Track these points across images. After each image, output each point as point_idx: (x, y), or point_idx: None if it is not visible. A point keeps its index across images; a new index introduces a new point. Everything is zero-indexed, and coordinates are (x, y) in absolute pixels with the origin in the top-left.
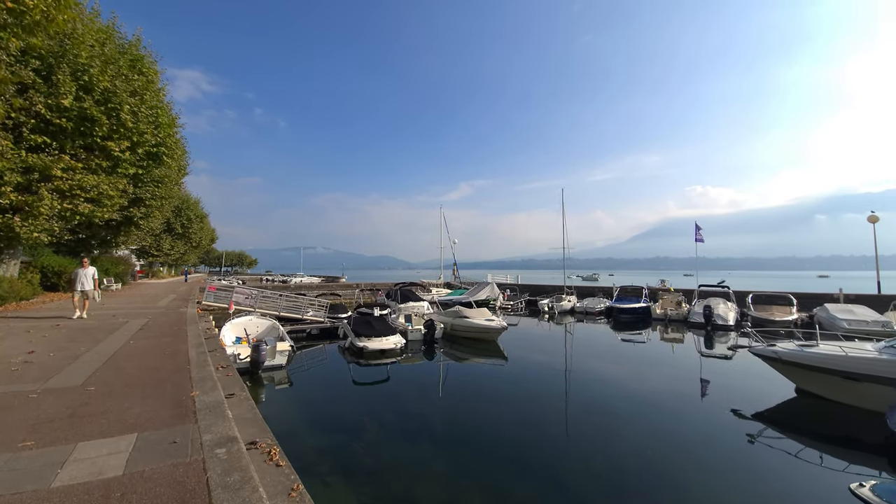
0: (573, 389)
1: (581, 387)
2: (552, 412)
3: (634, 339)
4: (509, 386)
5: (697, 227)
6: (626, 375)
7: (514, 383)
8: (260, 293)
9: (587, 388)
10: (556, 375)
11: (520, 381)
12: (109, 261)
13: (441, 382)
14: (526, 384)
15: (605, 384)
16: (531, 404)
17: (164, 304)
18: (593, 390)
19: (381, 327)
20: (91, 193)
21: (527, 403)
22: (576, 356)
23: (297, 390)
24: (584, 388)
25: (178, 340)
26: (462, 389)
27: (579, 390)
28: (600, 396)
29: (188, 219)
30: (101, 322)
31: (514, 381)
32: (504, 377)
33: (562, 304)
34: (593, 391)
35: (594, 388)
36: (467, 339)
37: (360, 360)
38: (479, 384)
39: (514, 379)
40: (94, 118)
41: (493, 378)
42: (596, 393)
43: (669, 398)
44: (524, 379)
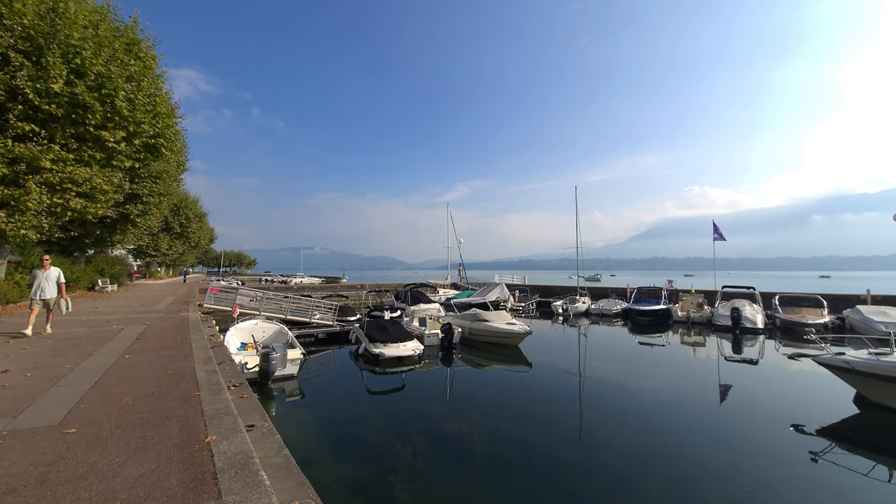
0: (607, 400)
1: (615, 397)
2: (589, 427)
3: (659, 343)
4: (538, 396)
5: (715, 226)
6: (664, 386)
7: (543, 393)
8: (265, 295)
9: (622, 399)
10: (586, 384)
11: (548, 391)
12: (105, 261)
13: (463, 393)
14: (555, 394)
15: (641, 395)
16: (564, 417)
17: (164, 307)
18: (630, 401)
19: (397, 332)
20: (83, 187)
21: (559, 416)
22: (602, 362)
23: (311, 403)
24: (619, 399)
25: (182, 354)
26: (487, 401)
27: (614, 401)
28: (640, 409)
29: (187, 218)
30: (93, 330)
31: (542, 391)
32: (530, 386)
33: (576, 305)
34: (630, 402)
35: (630, 399)
36: (486, 343)
37: (376, 368)
38: (505, 395)
39: (542, 388)
40: (87, 105)
41: (519, 387)
42: (635, 405)
43: (716, 411)
44: (552, 388)
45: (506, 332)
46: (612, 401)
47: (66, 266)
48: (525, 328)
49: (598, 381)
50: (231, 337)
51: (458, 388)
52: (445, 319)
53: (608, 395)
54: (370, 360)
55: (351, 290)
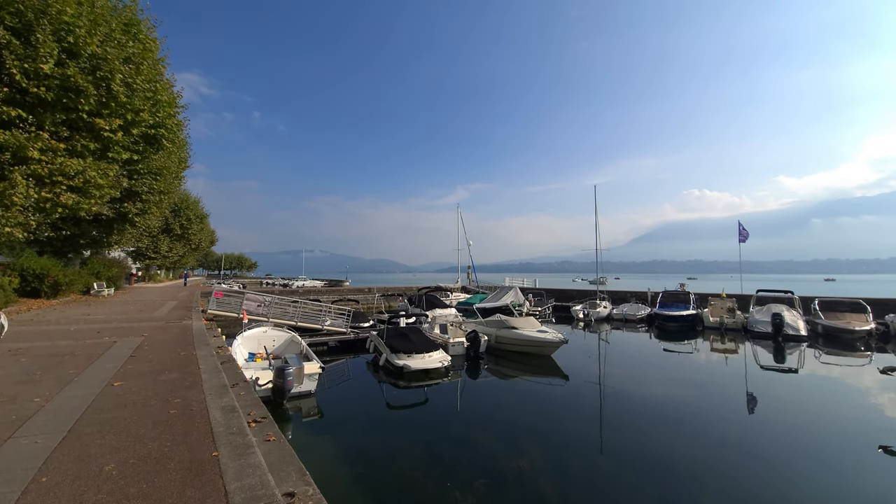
0: (659, 418)
1: (668, 415)
2: (644, 453)
3: (692, 351)
4: (581, 415)
5: (741, 226)
6: (723, 402)
7: (586, 411)
8: (273, 300)
9: (677, 414)
10: (631, 401)
11: (592, 408)
12: (101, 263)
13: (494, 409)
14: (600, 412)
15: (699, 411)
16: (616, 441)
17: (164, 313)
18: (687, 418)
19: (421, 341)
20: (75, 181)
21: (610, 440)
22: (644, 374)
23: (331, 424)
24: (673, 415)
25: (187, 378)
26: (523, 418)
27: (669, 420)
28: (705, 428)
29: (188, 219)
30: (80, 343)
31: (585, 409)
32: (570, 402)
33: (598, 310)
34: (688, 419)
35: (688, 415)
36: (515, 353)
37: (399, 382)
38: (543, 412)
39: (584, 405)
40: (80, 88)
41: (557, 404)
42: (698, 424)
43: (788, 430)
44: (595, 404)
45: (538, 341)
46: (665, 417)
47: (59, 268)
48: (559, 336)
49: (646, 398)
50: (238, 346)
51: (488, 404)
52: (470, 326)
53: (662, 413)
54: (392, 373)
55: (358, 293)
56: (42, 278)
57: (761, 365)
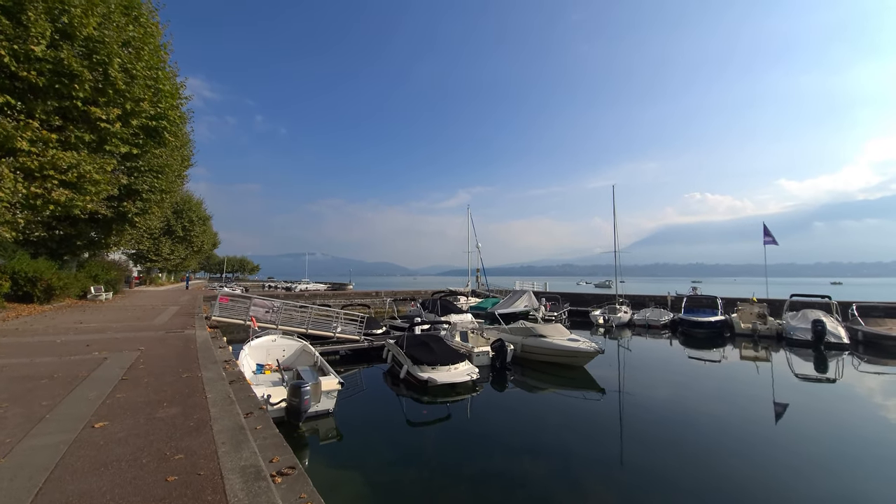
0: (721, 439)
1: (731, 435)
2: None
3: (726, 360)
4: (622, 433)
5: (766, 228)
6: (780, 419)
7: (630, 429)
8: (283, 305)
9: (740, 434)
10: (685, 418)
11: (635, 426)
12: (99, 266)
13: (526, 426)
14: (646, 431)
15: (761, 429)
16: (669, 464)
17: (164, 320)
18: (752, 438)
19: (445, 352)
20: (69, 175)
21: (662, 465)
22: (685, 386)
23: (353, 450)
24: (737, 434)
25: (193, 419)
26: (561, 440)
27: (732, 441)
28: (773, 451)
29: (190, 220)
30: (65, 360)
31: (628, 426)
32: (608, 419)
33: (618, 316)
34: (753, 439)
35: (754, 435)
36: (543, 363)
37: (423, 397)
38: (581, 429)
39: (625, 422)
40: (74, 73)
41: (595, 420)
42: (761, 445)
43: (844, 448)
44: (639, 422)
45: (570, 351)
46: (727, 438)
47: (53, 271)
48: (593, 346)
49: (695, 414)
50: (245, 357)
51: (521, 422)
52: (491, 334)
53: (722, 433)
54: (414, 387)
55: (366, 297)
56: (34, 282)
57: (805, 376)
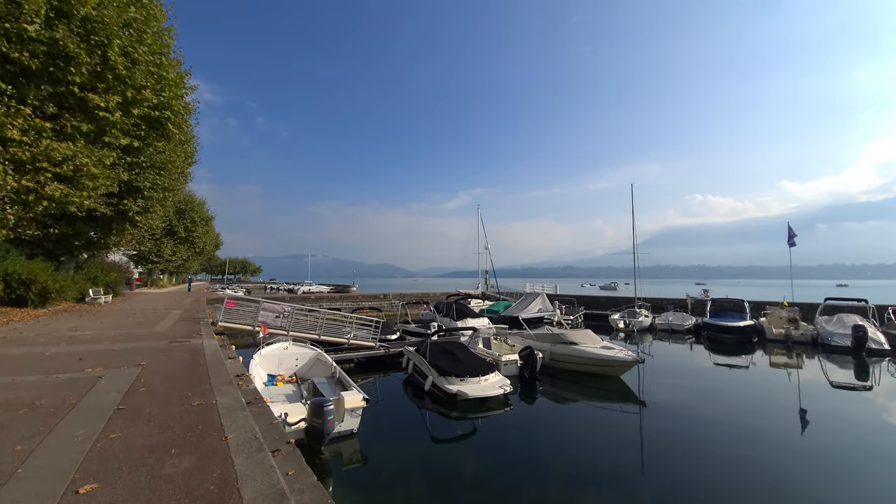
0: (793, 461)
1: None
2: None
3: (753, 365)
4: (670, 453)
5: (790, 229)
6: (850, 433)
7: (679, 449)
8: (294, 310)
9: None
10: (737, 435)
11: (688, 447)
12: (98, 267)
13: (567, 446)
14: (699, 454)
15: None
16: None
17: (167, 326)
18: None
19: (473, 361)
20: (64, 168)
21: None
22: (737, 396)
23: (380, 476)
24: (805, 453)
25: (212, 477)
26: (608, 459)
27: (801, 462)
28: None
29: (192, 221)
30: (50, 380)
31: (675, 446)
32: (653, 437)
33: (639, 320)
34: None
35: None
36: (575, 373)
37: (451, 412)
38: (625, 449)
39: (672, 441)
40: (71, 55)
41: (637, 437)
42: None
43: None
44: (688, 442)
45: (607, 360)
46: (797, 458)
47: (49, 273)
48: (630, 354)
49: (759, 431)
50: (256, 367)
51: (557, 440)
52: (519, 341)
53: (794, 453)
54: (440, 400)
55: (374, 300)
56: (28, 284)
57: (851, 385)
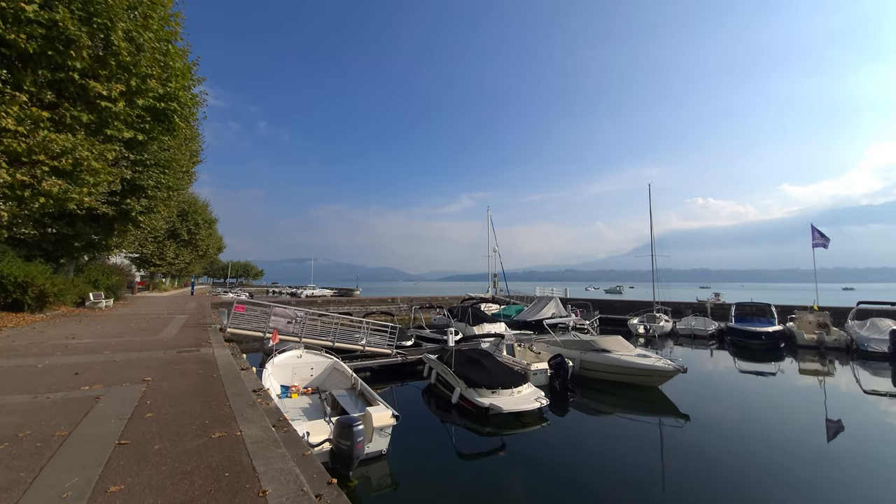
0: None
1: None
2: None
3: (781, 373)
4: (731, 476)
5: (815, 230)
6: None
7: (739, 472)
8: (306, 315)
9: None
10: (803, 456)
11: (747, 469)
12: (99, 270)
13: (606, 464)
14: (760, 469)
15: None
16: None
17: (173, 333)
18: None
19: (503, 371)
20: (62, 162)
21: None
22: (787, 408)
23: (410, 500)
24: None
25: None
26: (651, 479)
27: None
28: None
29: (195, 224)
30: (39, 402)
31: (734, 466)
32: (706, 455)
33: (660, 325)
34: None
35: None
36: (607, 382)
37: (483, 428)
38: (674, 468)
39: (728, 459)
40: (71, 38)
41: (684, 454)
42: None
43: None
44: (749, 463)
45: (645, 369)
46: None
47: (46, 276)
48: (670, 363)
49: (815, 446)
50: (268, 377)
51: (596, 457)
52: (543, 347)
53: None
54: (470, 414)
55: (381, 303)
56: (25, 288)
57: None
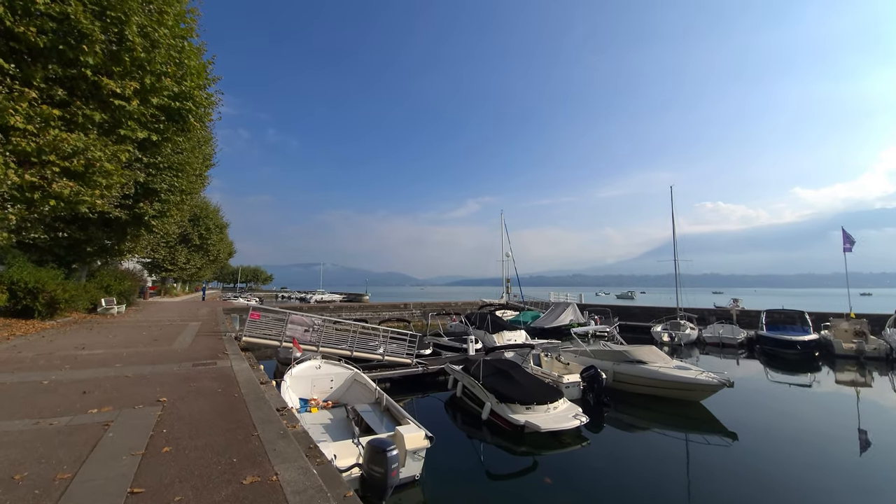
0: None
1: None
2: None
3: (817, 384)
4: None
5: (846, 234)
6: None
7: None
8: (324, 323)
9: None
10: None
11: (806, 495)
12: (112, 275)
13: (656, 490)
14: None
15: None
16: None
17: (187, 343)
18: None
19: (535, 385)
20: (74, 163)
21: None
22: (841, 425)
23: None
24: None
25: None
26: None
27: None
28: None
29: (207, 228)
30: (39, 430)
31: (794, 493)
32: (763, 481)
33: (686, 332)
34: None
35: None
36: (641, 396)
37: (518, 447)
38: (727, 495)
39: (782, 483)
40: (84, 32)
41: (739, 479)
42: None
43: None
44: (805, 485)
45: (688, 383)
46: None
47: (58, 282)
48: (715, 377)
49: None
50: (287, 391)
51: (639, 480)
52: (571, 357)
53: None
54: (502, 431)
55: (394, 309)
56: (36, 294)
57: None
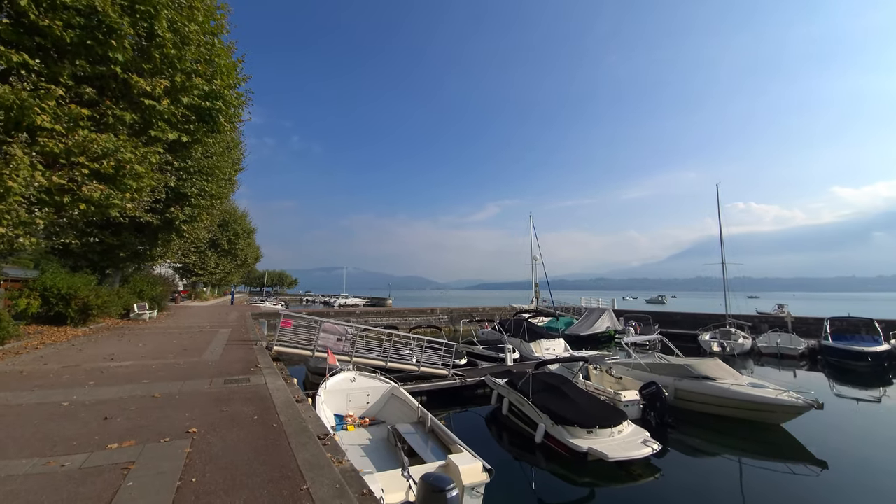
0: None
1: None
2: None
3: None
4: None
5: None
6: None
7: None
8: (358, 331)
9: None
10: None
11: None
12: (145, 280)
13: None
14: None
15: None
16: None
17: (217, 354)
18: None
19: (593, 405)
20: (104, 165)
21: None
22: None
23: None
24: None
25: None
26: None
27: None
28: None
29: (235, 233)
30: (48, 473)
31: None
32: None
33: (739, 342)
34: None
35: None
36: (707, 416)
37: (580, 476)
38: None
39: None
40: (112, 27)
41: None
42: None
43: None
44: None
45: (768, 404)
46: None
47: (90, 288)
48: (799, 397)
49: None
50: (322, 406)
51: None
52: (623, 370)
53: None
54: (557, 456)
55: (420, 315)
56: (68, 300)
57: None
